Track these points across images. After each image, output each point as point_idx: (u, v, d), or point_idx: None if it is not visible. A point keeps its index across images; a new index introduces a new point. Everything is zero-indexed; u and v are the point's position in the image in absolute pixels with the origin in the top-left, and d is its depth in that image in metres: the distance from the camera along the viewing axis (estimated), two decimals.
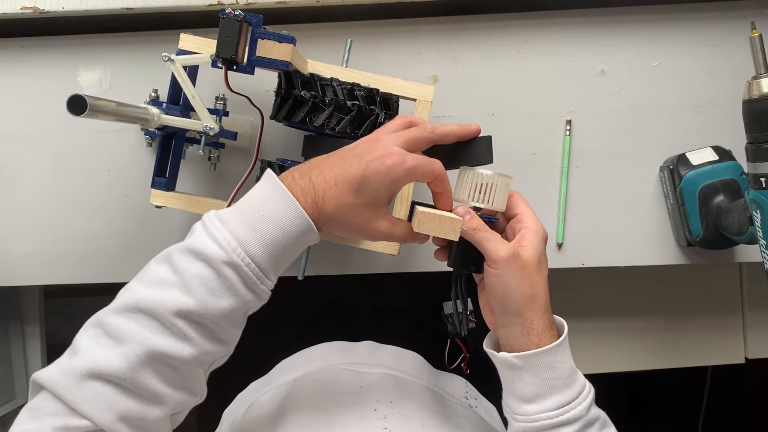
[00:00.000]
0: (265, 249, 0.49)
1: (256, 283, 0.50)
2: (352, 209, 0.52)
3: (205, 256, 0.48)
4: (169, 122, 0.69)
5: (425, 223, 0.56)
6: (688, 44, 0.79)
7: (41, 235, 0.82)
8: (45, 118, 0.81)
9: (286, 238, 0.50)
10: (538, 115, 0.80)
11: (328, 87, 0.67)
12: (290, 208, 0.50)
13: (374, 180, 0.51)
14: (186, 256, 0.48)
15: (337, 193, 0.51)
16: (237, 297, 0.49)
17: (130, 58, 0.80)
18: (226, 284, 0.48)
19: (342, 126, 0.67)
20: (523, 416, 0.55)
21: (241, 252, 0.48)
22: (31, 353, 1.05)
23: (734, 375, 1.49)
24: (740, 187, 0.73)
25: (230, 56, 0.62)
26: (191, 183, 0.81)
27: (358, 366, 0.73)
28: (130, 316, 0.47)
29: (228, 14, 0.62)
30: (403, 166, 0.51)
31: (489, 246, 0.54)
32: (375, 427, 0.58)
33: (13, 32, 0.81)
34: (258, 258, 0.49)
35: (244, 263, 0.48)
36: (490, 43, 0.80)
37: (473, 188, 0.58)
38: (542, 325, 0.55)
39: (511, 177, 0.58)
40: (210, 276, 0.48)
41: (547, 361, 0.54)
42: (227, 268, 0.48)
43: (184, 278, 0.48)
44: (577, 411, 0.54)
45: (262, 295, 0.51)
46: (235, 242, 0.48)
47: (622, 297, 1.04)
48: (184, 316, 0.47)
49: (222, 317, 0.48)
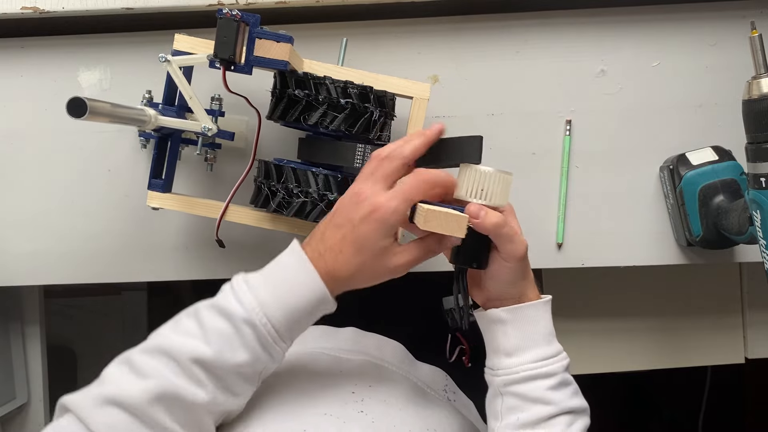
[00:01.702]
0: (283, 314, 0.53)
1: (271, 344, 0.54)
2: (365, 266, 0.56)
3: (227, 313, 0.53)
4: (167, 123, 0.68)
5: (431, 221, 0.55)
6: (688, 44, 0.79)
7: (41, 235, 0.82)
8: (45, 118, 0.81)
9: (303, 305, 0.54)
10: (538, 115, 0.80)
11: (321, 85, 0.67)
12: (309, 278, 0.54)
13: (372, 237, 0.55)
14: (211, 312, 0.54)
15: (344, 259, 0.55)
16: (251, 353, 0.53)
17: (130, 58, 0.80)
18: (243, 340, 0.52)
19: (336, 124, 0.67)
20: (504, 369, 0.59)
21: (260, 313, 0.53)
22: (31, 353, 1.05)
23: (734, 375, 1.50)
24: (740, 187, 0.73)
25: (228, 57, 0.62)
26: (188, 184, 0.81)
27: (339, 352, 0.74)
28: (154, 356, 0.52)
29: (225, 14, 0.61)
30: (391, 212, 0.55)
31: (508, 243, 0.57)
32: (351, 409, 0.59)
33: (13, 32, 0.81)
34: (275, 320, 0.53)
35: (261, 323, 0.53)
36: (489, 43, 0.80)
37: (474, 185, 0.57)
38: (534, 294, 0.61)
39: (511, 174, 0.58)
40: (229, 331, 0.52)
41: (531, 315, 0.59)
42: (245, 326, 0.52)
43: (206, 330, 0.52)
44: (554, 367, 0.58)
45: (275, 356, 0.55)
46: (256, 303, 0.53)
47: (622, 297, 1.04)
48: (201, 363, 0.51)
49: (235, 370, 0.52)
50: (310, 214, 0.68)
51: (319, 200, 0.67)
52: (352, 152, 0.69)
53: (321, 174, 0.68)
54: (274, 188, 0.68)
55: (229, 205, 0.73)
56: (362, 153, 0.69)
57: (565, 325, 1.00)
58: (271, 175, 0.69)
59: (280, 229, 0.73)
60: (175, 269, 0.82)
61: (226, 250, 0.79)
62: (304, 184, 0.68)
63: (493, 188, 0.57)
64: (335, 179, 0.68)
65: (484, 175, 0.57)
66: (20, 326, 1.03)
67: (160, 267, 0.82)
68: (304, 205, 0.68)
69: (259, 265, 0.81)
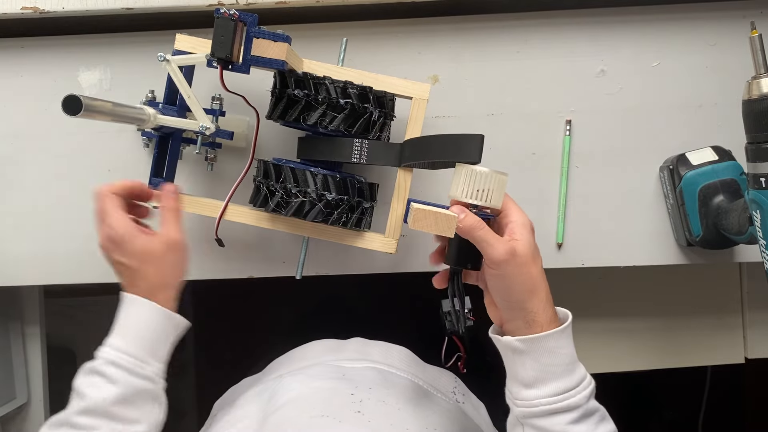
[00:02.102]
0: (129, 341, 0.61)
1: (139, 367, 0.60)
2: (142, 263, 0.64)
3: (90, 368, 0.60)
4: (165, 122, 0.69)
5: (420, 220, 0.56)
6: (688, 44, 0.79)
7: (41, 235, 0.82)
8: (45, 118, 0.81)
9: (145, 325, 0.62)
10: (538, 115, 0.80)
11: (321, 85, 0.66)
12: (137, 302, 0.62)
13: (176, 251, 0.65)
14: (82, 377, 0.61)
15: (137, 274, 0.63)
16: (121, 384, 0.59)
17: (130, 58, 0.80)
18: (108, 378, 0.59)
19: (335, 124, 0.67)
20: (523, 401, 0.55)
21: (109, 350, 0.60)
22: (31, 353, 1.05)
23: (734, 375, 1.49)
24: (740, 187, 0.73)
25: (225, 56, 0.62)
26: (189, 183, 0.81)
27: (343, 362, 0.74)
28: (54, 429, 0.59)
29: (223, 14, 0.62)
30: (99, 211, 0.66)
31: (486, 247, 0.55)
32: (349, 410, 0.59)
33: (13, 32, 0.81)
34: (127, 348, 0.60)
35: (116, 357, 0.60)
36: (490, 43, 0.80)
37: (469, 186, 0.57)
38: (546, 317, 0.56)
39: (506, 174, 0.58)
40: (96, 379, 0.60)
41: (549, 346, 0.55)
42: (108, 366, 0.60)
43: (78, 389, 0.60)
44: (576, 399, 0.54)
45: (153, 377, 0.61)
46: (107, 347, 0.61)
47: (622, 297, 1.04)
48: (83, 413, 0.58)
49: (116, 402, 0.58)
50: (308, 213, 0.68)
51: (318, 200, 0.67)
52: (349, 147, 0.69)
53: (319, 174, 0.68)
54: (273, 188, 0.68)
55: (229, 205, 0.73)
56: (359, 147, 0.69)
57: None
58: (270, 175, 0.69)
59: (279, 228, 0.73)
60: None
61: (225, 249, 0.79)
62: (303, 184, 0.68)
63: (489, 189, 0.57)
64: (333, 179, 0.68)
65: (480, 175, 0.57)
66: (20, 326, 1.03)
67: None
68: (303, 205, 0.68)
69: (255, 263, 0.82)
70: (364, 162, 0.69)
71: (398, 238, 0.73)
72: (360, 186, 0.70)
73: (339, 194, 0.68)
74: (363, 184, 0.71)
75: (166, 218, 0.66)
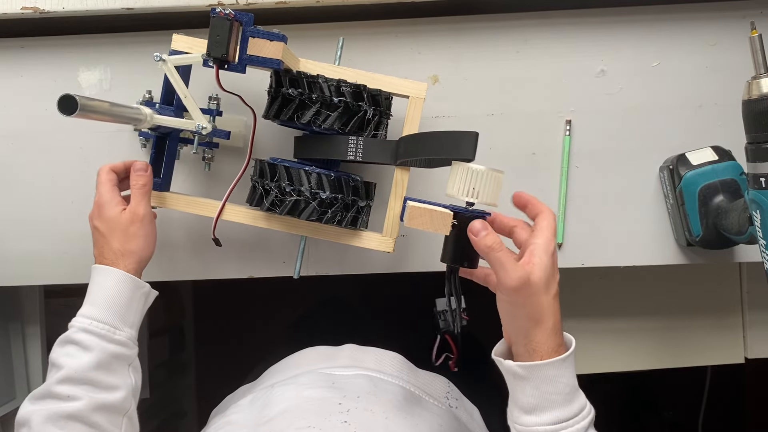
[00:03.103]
0: (99, 309, 0.65)
1: (110, 333, 0.64)
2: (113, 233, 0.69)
3: (64, 338, 0.64)
4: (162, 122, 0.69)
5: (416, 218, 0.56)
6: (688, 44, 0.79)
7: (41, 235, 0.82)
8: (45, 118, 0.81)
9: (114, 291, 0.66)
10: (538, 115, 0.80)
11: (314, 84, 0.67)
12: (103, 271, 0.67)
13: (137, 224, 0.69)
14: (55, 350, 0.64)
15: (107, 243, 0.69)
16: (95, 350, 0.63)
17: (130, 58, 0.80)
18: (82, 345, 0.63)
19: (329, 123, 0.67)
20: (522, 426, 0.55)
21: (81, 318, 0.64)
22: (31, 353, 1.05)
23: (734, 375, 1.49)
24: (740, 187, 0.73)
25: (221, 55, 0.62)
26: (186, 183, 0.82)
27: (334, 369, 0.74)
28: (36, 402, 0.62)
29: (218, 13, 0.62)
30: (99, 184, 0.71)
31: (500, 270, 0.54)
32: (335, 420, 0.59)
33: (13, 32, 0.81)
34: (98, 315, 0.64)
35: (87, 324, 0.64)
36: (489, 43, 0.80)
37: (465, 183, 0.57)
38: (548, 347, 0.55)
39: (502, 171, 0.58)
40: (71, 348, 0.63)
41: (549, 375, 0.54)
42: (81, 334, 0.63)
43: (55, 360, 0.63)
44: (574, 429, 0.54)
45: (125, 343, 0.65)
46: (78, 316, 0.65)
47: (622, 297, 1.04)
48: (62, 381, 0.61)
49: (92, 369, 0.62)
50: (302, 212, 0.68)
51: (311, 198, 0.68)
52: (345, 145, 0.69)
53: (314, 173, 0.68)
54: (268, 187, 0.68)
55: (226, 204, 0.73)
56: (355, 144, 0.69)
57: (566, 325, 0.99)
58: (266, 174, 0.69)
59: (274, 227, 0.73)
60: (175, 269, 0.82)
61: (224, 249, 0.79)
62: (297, 183, 0.68)
63: (485, 187, 0.57)
64: (327, 177, 0.68)
65: (476, 173, 0.57)
66: (20, 326, 1.03)
67: (159, 267, 0.82)
68: (297, 204, 0.68)
69: (255, 263, 0.82)
70: (360, 159, 0.70)
71: (396, 237, 0.73)
72: (355, 185, 0.70)
73: (333, 193, 0.68)
74: (358, 182, 0.71)
75: (133, 194, 0.70)
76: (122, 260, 0.68)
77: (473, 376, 0.61)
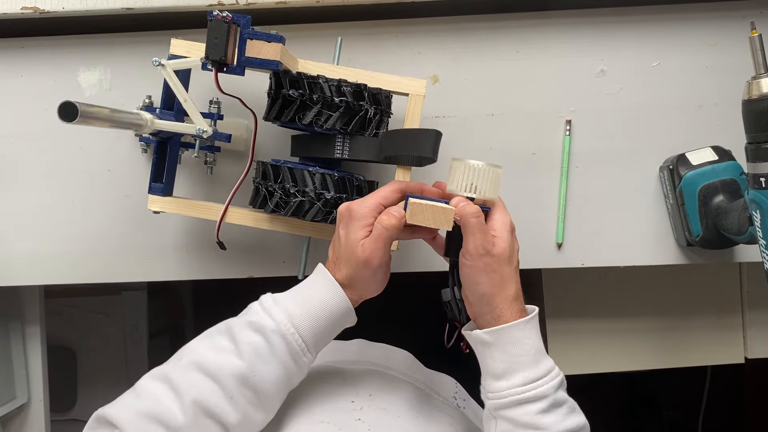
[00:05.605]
0: (309, 324, 0.57)
1: (299, 354, 0.57)
2: (355, 269, 0.60)
3: (258, 326, 0.56)
4: (163, 127, 0.68)
5: (418, 214, 0.58)
6: (688, 44, 0.79)
7: (41, 235, 0.82)
8: (45, 118, 0.81)
9: (327, 315, 0.58)
10: (538, 115, 0.80)
11: (315, 85, 0.67)
12: (334, 291, 0.59)
13: (368, 269, 0.59)
14: (242, 327, 0.57)
15: (340, 267, 0.60)
16: (282, 365, 0.56)
17: (130, 58, 0.80)
18: (274, 352, 0.56)
19: (331, 123, 0.67)
20: (494, 393, 0.57)
21: (288, 324, 0.56)
22: (31, 353, 1.05)
23: (734, 375, 1.50)
24: (740, 187, 0.73)
25: (220, 58, 0.62)
26: (188, 187, 0.82)
27: (344, 364, 0.74)
28: (190, 372, 0.55)
29: (216, 16, 0.62)
30: (364, 206, 0.59)
31: (470, 236, 0.57)
32: (349, 417, 0.59)
33: (13, 32, 0.81)
34: (302, 330, 0.57)
35: (289, 333, 0.56)
36: (490, 43, 0.80)
37: (464, 179, 0.59)
38: (512, 312, 0.57)
39: (501, 167, 0.60)
40: (261, 343, 0.56)
41: (515, 336, 0.57)
42: (276, 337, 0.56)
43: (239, 345, 0.56)
44: (544, 389, 0.56)
45: (303, 367, 0.58)
46: (285, 316, 0.57)
47: (622, 297, 1.04)
48: (236, 377, 0.54)
49: (267, 382, 0.56)
50: (307, 213, 0.68)
51: (316, 199, 0.67)
52: (332, 143, 0.69)
53: (318, 173, 0.68)
54: (272, 188, 0.68)
55: (229, 207, 0.73)
56: (341, 142, 0.69)
57: (566, 325, 1.00)
58: (269, 176, 0.69)
59: (278, 229, 0.73)
60: (175, 269, 0.82)
61: (226, 249, 0.79)
62: (301, 184, 0.68)
63: (484, 182, 0.59)
64: (331, 178, 0.68)
65: (474, 168, 0.59)
66: (20, 326, 1.03)
67: (160, 267, 0.82)
68: (302, 205, 0.68)
69: (255, 263, 0.82)
70: (347, 157, 0.70)
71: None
72: (359, 184, 0.70)
73: (338, 192, 0.68)
74: (362, 182, 0.71)
75: (374, 234, 0.60)
76: (349, 289, 0.60)
77: (476, 381, 0.61)
